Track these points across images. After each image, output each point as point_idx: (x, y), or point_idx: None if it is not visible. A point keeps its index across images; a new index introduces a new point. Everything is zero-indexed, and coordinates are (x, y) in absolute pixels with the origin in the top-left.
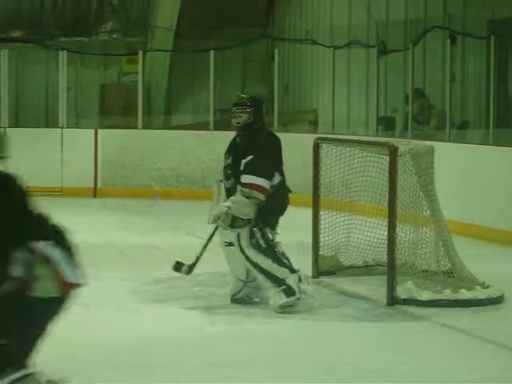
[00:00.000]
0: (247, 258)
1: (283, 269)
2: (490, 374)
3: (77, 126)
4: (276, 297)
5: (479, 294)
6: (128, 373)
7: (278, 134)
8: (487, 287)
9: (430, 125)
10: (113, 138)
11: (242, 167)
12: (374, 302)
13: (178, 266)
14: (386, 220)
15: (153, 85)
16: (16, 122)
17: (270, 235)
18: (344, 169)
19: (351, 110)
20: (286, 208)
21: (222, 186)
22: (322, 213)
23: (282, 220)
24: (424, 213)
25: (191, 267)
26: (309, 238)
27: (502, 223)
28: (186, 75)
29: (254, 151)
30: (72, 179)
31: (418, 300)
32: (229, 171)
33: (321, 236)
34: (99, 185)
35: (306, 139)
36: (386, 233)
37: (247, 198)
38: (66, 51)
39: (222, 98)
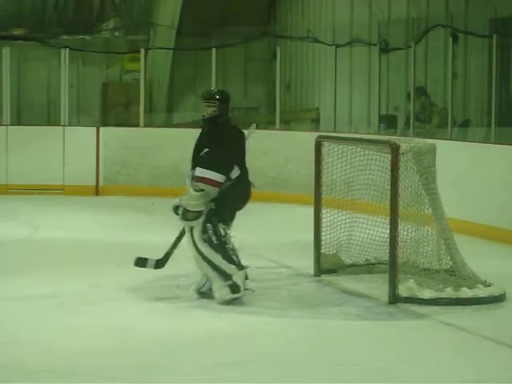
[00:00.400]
0: (198, 251)
1: (231, 266)
2: (492, 372)
3: (79, 123)
4: (222, 291)
5: (481, 292)
6: (131, 372)
7: (280, 132)
8: (489, 285)
9: (432, 123)
10: (115, 135)
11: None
12: (375, 300)
13: (140, 261)
14: (388, 218)
15: (154, 83)
16: (18, 120)
17: (222, 231)
18: (346, 167)
19: (353, 108)
20: (245, 201)
21: None
22: (323, 211)
23: (283, 218)
24: (426, 211)
25: (161, 261)
26: (310, 237)
27: (504, 221)
28: (188, 73)
29: (212, 145)
30: (73, 177)
31: (419, 298)
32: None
33: (322, 234)
34: (101, 183)
35: (308, 137)
36: (387, 231)
37: (199, 191)
38: (67, 49)
39: None
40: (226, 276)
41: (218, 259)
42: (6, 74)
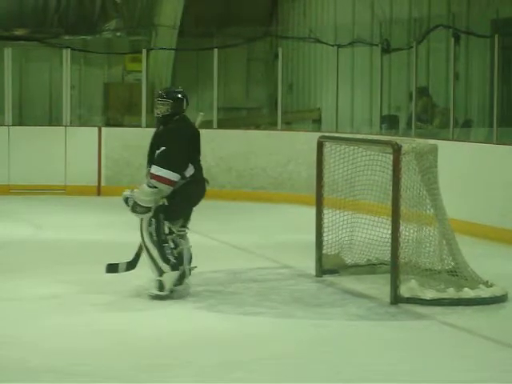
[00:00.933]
0: (143, 240)
1: (165, 265)
2: (494, 372)
3: (81, 124)
4: (152, 283)
5: (483, 292)
6: (132, 373)
7: (282, 133)
8: (491, 286)
9: (434, 123)
10: (116, 136)
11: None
12: (377, 300)
13: (112, 268)
14: (390, 219)
15: (156, 83)
16: (20, 121)
17: (166, 229)
18: (347, 167)
19: (355, 108)
20: (199, 199)
21: None
22: (325, 211)
23: (285, 219)
24: (427, 211)
25: (132, 263)
26: (312, 237)
27: (506, 222)
28: (190, 73)
29: (167, 143)
30: (75, 177)
31: (421, 299)
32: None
33: (324, 234)
34: (103, 183)
35: (310, 138)
36: (389, 231)
37: (152, 187)
38: (69, 49)
39: (225, 97)
40: (159, 271)
41: (155, 254)
42: (8, 74)
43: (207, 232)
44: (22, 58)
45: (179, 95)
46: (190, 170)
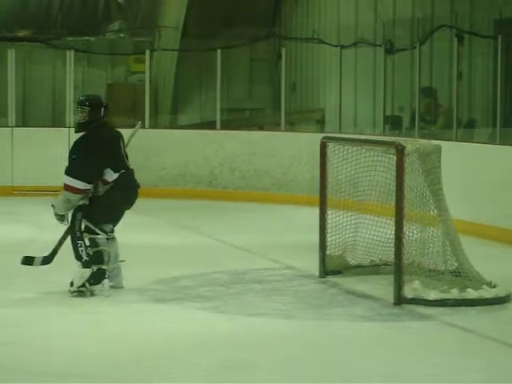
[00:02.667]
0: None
1: (78, 262)
2: (497, 374)
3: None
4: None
5: (486, 293)
6: (135, 374)
7: (285, 134)
8: (494, 287)
9: (437, 124)
10: None
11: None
12: (380, 301)
13: (27, 260)
14: (393, 219)
15: (160, 84)
16: (23, 122)
17: (82, 227)
18: (351, 168)
19: (358, 109)
20: (125, 202)
21: None
22: (328, 212)
23: (288, 219)
24: (431, 212)
25: (48, 258)
26: (316, 238)
27: (510, 222)
28: (193, 74)
29: (75, 151)
30: None
31: (424, 299)
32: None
33: (328, 235)
34: None
35: (313, 138)
36: (393, 232)
37: (62, 197)
38: (73, 50)
39: (229, 97)
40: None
41: (72, 248)
42: (12, 76)
43: (210, 233)
44: (26, 59)
45: (97, 102)
46: (110, 176)
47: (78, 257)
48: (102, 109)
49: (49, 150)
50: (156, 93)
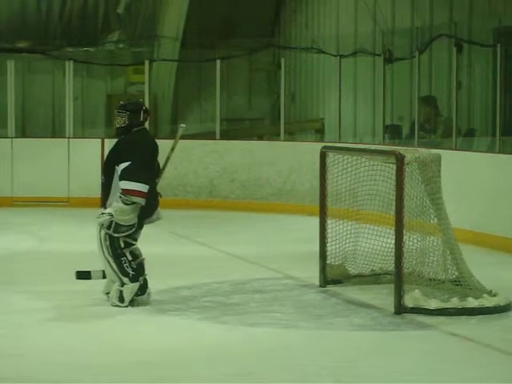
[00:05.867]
0: (103, 253)
1: (124, 277)
2: (498, 382)
3: (84, 135)
4: (113, 293)
5: (487, 302)
6: None
7: (285, 143)
8: (495, 295)
9: (437, 133)
10: None
11: (119, 172)
12: (381, 310)
13: (82, 274)
14: (393, 228)
15: (159, 94)
16: (23, 133)
17: (122, 243)
18: (351, 177)
19: (358, 118)
20: (153, 212)
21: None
22: (329, 221)
23: (288, 229)
24: (431, 221)
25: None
26: (316, 247)
27: (510, 231)
28: (193, 85)
29: (130, 156)
30: (78, 189)
31: (425, 308)
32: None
33: (328, 245)
34: None
35: (313, 148)
36: (393, 241)
37: (130, 204)
38: (72, 61)
39: (228, 107)
40: (120, 282)
41: (114, 266)
42: (11, 87)
43: (210, 243)
44: (25, 70)
45: (136, 107)
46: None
47: (124, 273)
48: (142, 113)
49: (48, 160)
50: (155, 103)
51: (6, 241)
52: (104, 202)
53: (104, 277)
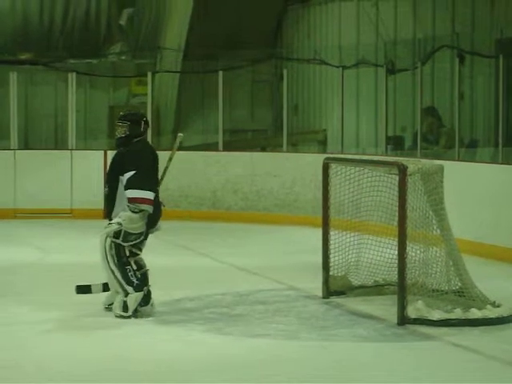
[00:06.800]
0: (107, 263)
1: (129, 287)
2: None
3: (86, 147)
4: (117, 304)
5: (490, 313)
6: None
7: (288, 154)
8: (498, 306)
9: (440, 143)
10: None
11: (125, 182)
12: (384, 321)
13: (82, 289)
14: (396, 239)
15: (162, 106)
16: (25, 144)
17: (127, 252)
18: (353, 188)
19: (360, 129)
20: (156, 221)
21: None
22: (331, 233)
23: (291, 240)
24: (434, 232)
25: (107, 285)
26: (319, 258)
27: None
28: (195, 96)
29: (134, 165)
30: (81, 201)
31: (428, 319)
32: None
33: (331, 256)
34: None
35: (316, 159)
36: (396, 252)
37: (138, 212)
38: (74, 73)
39: (231, 119)
40: (124, 292)
41: (118, 276)
42: (14, 98)
43: (213, 254)
44: (28, 82)
45: (136, 118)
46: None
47: (129, 282)
48: (143, 124)
49: (51, 172)
50: (158, 114)
51: (9, 252)
52: (108, 214)
53: (104, 290)
